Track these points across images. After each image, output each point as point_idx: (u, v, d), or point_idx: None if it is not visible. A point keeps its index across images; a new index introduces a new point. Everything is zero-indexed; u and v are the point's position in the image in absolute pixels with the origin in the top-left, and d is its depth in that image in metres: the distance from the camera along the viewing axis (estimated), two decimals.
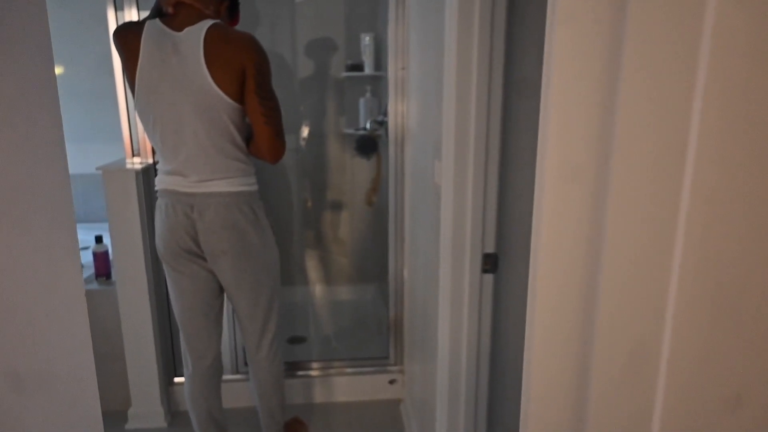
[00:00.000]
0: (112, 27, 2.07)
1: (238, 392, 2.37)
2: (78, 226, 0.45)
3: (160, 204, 1.70)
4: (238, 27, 1.78)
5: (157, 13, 1.62)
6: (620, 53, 0.40)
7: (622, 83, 0.41)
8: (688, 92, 0.41)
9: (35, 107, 0.39)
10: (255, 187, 1.72)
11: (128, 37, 1.57)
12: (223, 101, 1.55)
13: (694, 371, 0.46)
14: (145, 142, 2.18)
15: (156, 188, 1.71)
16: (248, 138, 1.69)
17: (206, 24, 1.55)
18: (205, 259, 1.72)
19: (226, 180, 1.65)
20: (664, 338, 0.44)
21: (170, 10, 1.57)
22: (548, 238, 0.45)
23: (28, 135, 0.39)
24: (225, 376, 2.30)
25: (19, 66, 0.38)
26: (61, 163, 0.41)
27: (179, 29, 1.55)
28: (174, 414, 2.37)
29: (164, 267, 1.77)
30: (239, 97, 1.58)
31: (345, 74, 2.93)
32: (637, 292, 0.45)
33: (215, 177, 1.63)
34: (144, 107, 1.60)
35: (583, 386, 0.47)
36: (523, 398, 0.49)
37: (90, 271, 2.35)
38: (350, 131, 2.97)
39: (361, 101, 2.78)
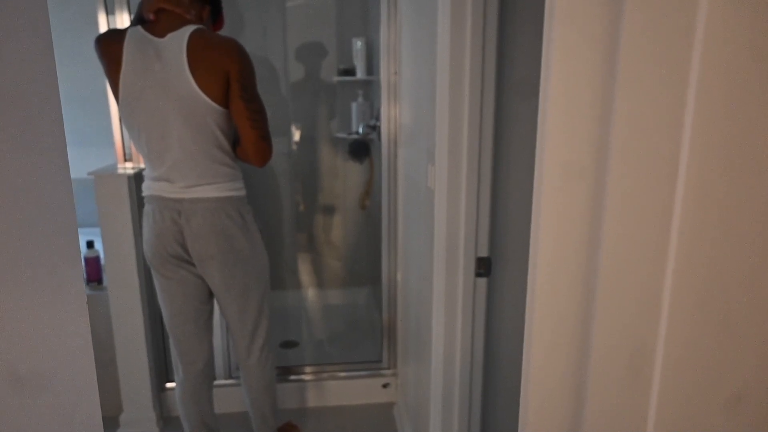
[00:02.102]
0: (103, 30, 2.06)
1: (231, 397, 2.36)
2: None
3: (147, 210, 1.70)
4: (225, 31, 1.78)
5: (138, 20, 1.62)
6: (617, 52, 0.41)
7: (619, 83, 0.41)
8: (682, 91, 0.41)
9: (37, 110, 0.39)
10: (243, 192, 1.72)
11: (110, 44, 1.57)
12: (208, 106, 1.55)
13: (691, 373, 0.46)
14: None
15: (143, 194, 1.71)
16: (235, 142, 1.69)
17: (189, 29, 1.55)
18: (193, 265, 1.72)
19: (213, 185, 1.64)
20: (661, 340, 0.45)
21: (151, 16, 1.57)
22: (547, 240, 0.46)
23: (30, 138, 0.39)
24: (217, 381, 2.30)
25: (20, 68, 0.38)
26: (63, 166, 0.41)
27: (161, 35, 1.55)
28: (166, 420, 2.36)
29: (153, 273, 1.76)
30: (224, 101, 1.58)
31: (337, 79, 2.94)
32: (634, 294, 0.45)
33: (202, 182, 1.63)
34: (128, 114, 1.60)
35: (581, 390, 0.47)
36: (521, 402, 0.50)
37: None
38: (343, 135, 2.98)
39: (354, 105, 2.79)
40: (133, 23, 1.61)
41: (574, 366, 0.48)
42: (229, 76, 1.55)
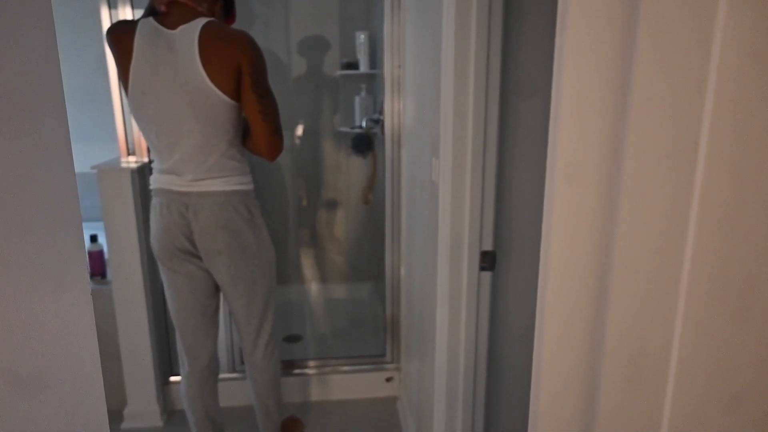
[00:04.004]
0: (106, 25, 2.05)
1: (235, 391, 2.36)
2: None
3: (155, 203, 1.70)
4: (234, 25, 1.78)
5: (150, 11, 1.61)
6: (633, 53, 0.40)
7: (634, 83, 0.41)
8: (700, 92, 0.41)
9: (41, 105, 0.39)
10: (250, 186, 1.72)
11: (122, 36, 1.56)
12: (219, 99, 1.55)
13: (704, 372, 0.46)
14: (140, 141, 2.17)
15: (151, 187, 1.71)
16: (244, 136, 1.68)
17: (201, 22, 1.54)
18: (200, 259, 1.72)
19: (222, 179, 1.64)
20: (675, 339, 0.44)
21: (163, 8, 1.56)
22: (558, 239, 0.45)
23: (34, 133, 0.38)
24: (222, 375, 2.30)
25: (24, 63, 0.38)
26: (67, 161, 0.40)
27: (173, 27, 1.55)
28: (170, 413, 2.36)
29: (159, 267, 1.76)
30: (235, 94, 1.57)
31: (340, 72, 2.93)
32: (648, 293, 0.45)
33: (210, 176, 1.62)
34: (138, 106, 1.59)
35: (592, 387, 0.47)
36: (532, 398, 0.49)
37: None
38: (346, 129, 2.97)
39: (357, 99, 2.78)
40: (145, 15, 1.61)
41: (586, 364, 0.47)
42: (240, 70, 1.55)
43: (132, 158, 2.19)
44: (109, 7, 2.06)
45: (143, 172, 2.14)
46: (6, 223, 0.38)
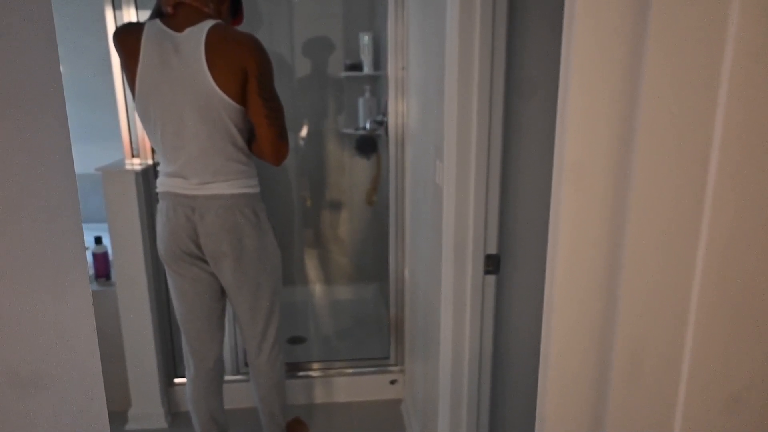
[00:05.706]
0: (111, 26, 2.06)
1: (240, 393, 2.36)
2: None
3: (161, 206, 1.69)
4: (240, 27, 1.77)
5: (157, 13, 1.61)
6: (641, 59, 0.40)
7: (643, 85, 0.40)
8: (711, 95, 0.40)
9: (41, 107, 0.38)
10: (257, 190, 1.71)
11: (128, 38, 1.56)
12: (224, 102, 1.54)
13: (709, 372, 0.45)
14: (145, 143, 2.17)
15: (157, 190, 1.70)
16: (250, 139, 1.67)
17: (207, 24, 1.53)
18: (206, 262, 1.71)
19: (228, 182, 1.63)
20: (683, 341, 0.44)
21: (170, 10, 1.56)
22: (565, 241, 0.44)
23: (34, 134, 0.38)
24: (226, 377, 2.30)
25: (24, 65, 0.37)
26: (68, 162, 0.40)
27: (180, 30, 1.54)
28: (174, 415, 2.36)
29: (166, 269, 1.75)
30: (241, 98, 1.56)
31: (344, 74, 2.93)
32: (656, 295, 0.44)
33: (216, 179, 1.62)
34: (144, 109, 1.59)
35: (599, 389, 0.46)
36: (539, 401, 0.49)
37: (90, 271, 2.34)
38: (349, 131, 2.97)
39: (360, 101, 2.78)
40: (152, 16, 1.60)
41: (593, 365, 0.47)
42: (246, 73, 1.54)
43: (136, 160, 2.20)
44: (114, 8, 2.07)
45: (147, 174, 2.14)
46: (6, 224, 0.38)
